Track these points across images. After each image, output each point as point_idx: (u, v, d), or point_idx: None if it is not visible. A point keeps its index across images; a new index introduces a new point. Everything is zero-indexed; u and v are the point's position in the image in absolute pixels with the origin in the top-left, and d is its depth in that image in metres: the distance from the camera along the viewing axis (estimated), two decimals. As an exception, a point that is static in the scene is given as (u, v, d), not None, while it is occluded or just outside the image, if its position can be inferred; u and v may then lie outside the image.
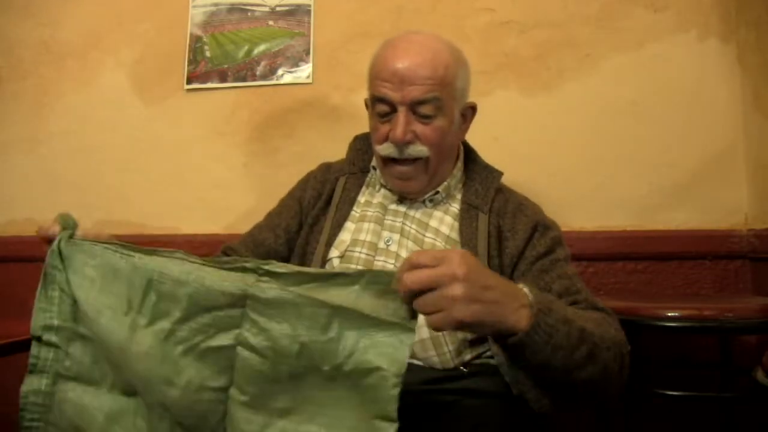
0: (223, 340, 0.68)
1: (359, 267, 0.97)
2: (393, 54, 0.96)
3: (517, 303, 0.69)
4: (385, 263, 0.97)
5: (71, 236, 0.74)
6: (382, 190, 1.07)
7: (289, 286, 0.67)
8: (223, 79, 1.81)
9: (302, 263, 1.03)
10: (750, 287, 1.53)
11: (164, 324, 0.68)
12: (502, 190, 1.06)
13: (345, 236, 1.02)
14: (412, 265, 0.63)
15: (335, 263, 1.00)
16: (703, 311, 1.15)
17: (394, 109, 0.95)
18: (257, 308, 0.67)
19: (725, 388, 1.43)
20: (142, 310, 0.69)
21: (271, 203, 1.21)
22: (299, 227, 1.10)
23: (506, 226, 0.99)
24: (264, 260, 0.70)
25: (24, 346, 1.11)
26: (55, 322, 0.72)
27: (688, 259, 1.55)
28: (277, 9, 1.82)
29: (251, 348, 0.67)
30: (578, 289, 0.92)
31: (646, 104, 1.60)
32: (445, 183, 1.04)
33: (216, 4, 1.85)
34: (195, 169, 1.81)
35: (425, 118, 0.95)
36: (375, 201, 1.06)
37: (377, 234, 1.01)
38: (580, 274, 1.56)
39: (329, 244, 1.02)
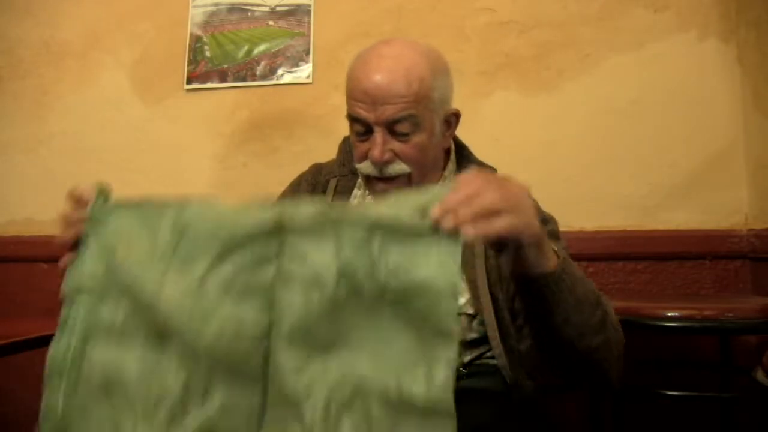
0: (262, 275, 0.65)
1: None
2: (364, 72, 0.92)
3: (546, 240, 0.70)
4: None
5: (105, 201, 0.73)
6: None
7: (327, 211, 0.64)
8: (223, 79, 1.81)
9: None
10: (750, 287, 1.53)
11: (201, 265, 0.66)
12: None
13: None
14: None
15: None
16: (703, 311, 1.15)
17: (370, 129, 0.93)
18: (294, 237, 0.64)
19: (725, 388, 1.43)
20: (178, 256, 0.67)
21: (271, 203, 1.20)
22: None
23: None
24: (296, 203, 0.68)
25: (24, 346, 1.11)
26: (87, 282, 0.71)
27: (688, 259, 1.55)
28: (277, 9, 1.82)
29: (291, 280, 0.63)
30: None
31: (646, 104, 1.60)
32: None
33: (216, 4, 1.85)
34: (195, 169, 1.81)
35: (403, 136, 0.92)
36: (366, 203, 1.04)
37: None
38: (580, 274, 1.59)
39: None
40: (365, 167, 0.95)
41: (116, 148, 1.85)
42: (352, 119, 0.95)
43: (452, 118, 1.01)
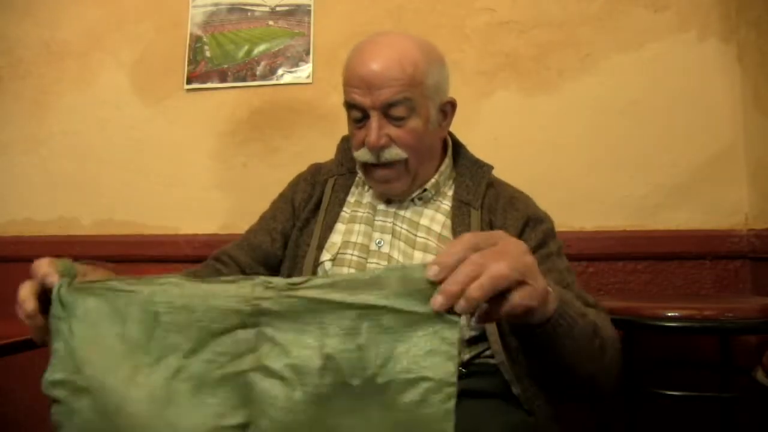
0: (238, 366, 0.60)
1: (351, 270, 0.95)
2: (360, 59, 0.94)
3: (545, 284, 0.63)
4: (378, 265, 0.96)
5: (70, 284, 0.67)
6: (371, 191, 1.06)
7: (307, 292, 0.58)
8: (223, 79, 1.81)
9: (293, 267, 1.01)
10: (750, 287, 1.53)
11: (172, 360, 0.61)
12: (493, 184, 1.05)
13: (336, 238, 1.01)
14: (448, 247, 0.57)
15: (327, 267, 0.98)
16: (703, 311, 1.15)
17: (366, 115, 0.94)
18: (273, 323, 0.59)
19: (725, 388, 1.43)
20: (149, 349, 0.62)
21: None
22: (293, 229, 1.08)
23: (498, 223, 0.98)
24: (272, 276, 0.62)
25: (24, 346, 1.11)
26: (59, 376, 0.65)
27: (688, 259, 1.55)
28: (277, 9, 1.82)
29: (270, 372, 0.58)
30: (568, 284, 0.91)
31: (645, 104, 1.60)
32: (433, 180, 1.03)
33: (216, 4, 1.85)
34: (195, 169, 1.81)
35: (398, 120, 0.93)
36: (364, 201, 1.05)
37: (368, 236, 0.99)
38: (580, 274, 1.59)
39: (320, 248, 1.00)
40: (362, 154, 0.96)
41: (116, 148, 1.85)
42: (349, 106, 0.96)
43: (448, 107, 1.02)
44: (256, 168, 1.78)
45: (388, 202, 1.04)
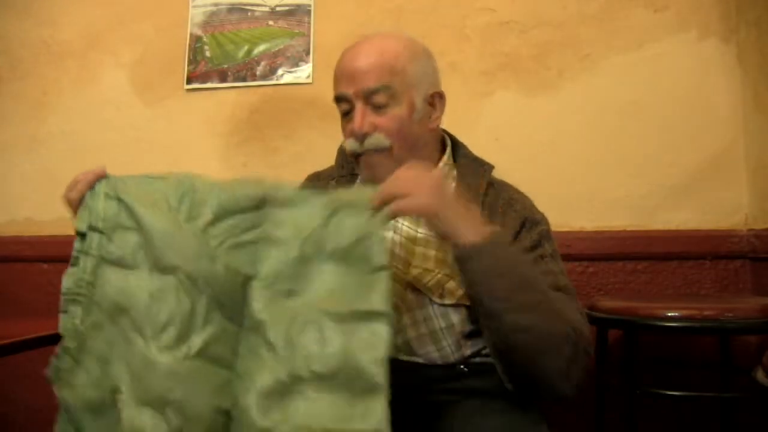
0: (248, 236, 0.81)
1: None
2: (346, 57, 1.01)
3: (475, 223, 0.83)
4: None
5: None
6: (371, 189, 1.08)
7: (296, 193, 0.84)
8: (223, 79, 1.81)
9: None
10: (750, 287, 1.53)
11: (202, 220, 0.81)
12: (493, 184, 1.06)
13: None
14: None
15: None
16: (703, 311, 1.15)
17: (353, 106, 0.99)
18: (275, 205, 0.82)
19: (725, 388, 1.43)
20: (182, 207, 0.82)
21: (271, 203, 1.21)
22: None
23: (496, 222, 0.98)
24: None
25: (24, 346, 1.11)
26: (97, 220, 0.82)
27: (688, 259, 1.55)
28: (277, 9, 1.82)
29: (271, 240, 0.80)
30: (559, 288, 0.92)
31: (646, 104, 1.60)
32: None
33: (216, 4, 1.85)
34: (195, 169, 1.77)
35: (380, 108, 0.97)
36: None
37: None
38: (580, 274, 1.59)
39: None
40: (349, 144, 1.00)
41: (116, 148, 1.85)
42: (337, 100, 1.02)
43: (436, 99, 1.04)
44: (256, 168, 1.78)
45: None
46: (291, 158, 1.74)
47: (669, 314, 1.15)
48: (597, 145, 1.62)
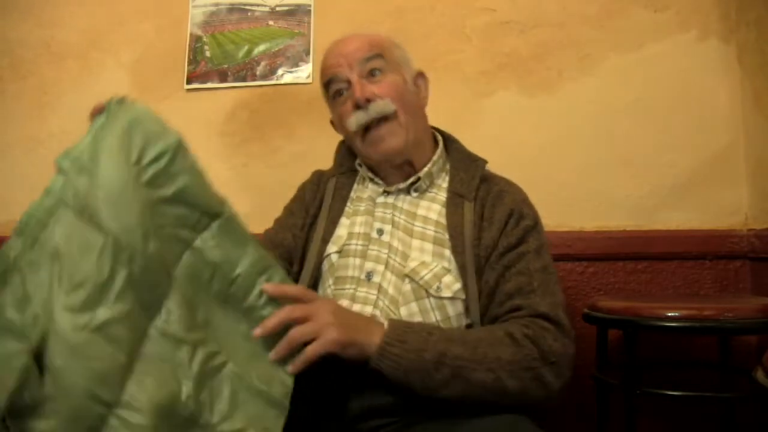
0: (185, 234, 0.79)
1: (356, 259, 1.01)
2: (333, 47, 1.07)
3: (369, 326, 0.84)
4: (378, 252, 1.01)
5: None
6: (370, 185, 1.10)
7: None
8: (223, 79, 1.81)
9: (302, 260, 1.08)
10: (750, 287, 1.53)
11: (157, 193, 0.77)
12: (486, 178, 1.07)
13: (342, 231, 1.06)
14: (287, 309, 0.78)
15: (333, 259, 1.04)
16: (703, 311, 1.15)
17: (347, 85, 1.02)
18: (223, 227, 0.81)
19: (725, 388, 1.43)
20: (147, 171, 0.78)
21: (272, 203, 1.21)
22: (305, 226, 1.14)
23: (486, 216, 1.00)
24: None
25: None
26: (68, 160, 0.78)
27: (688, 259, 1.55)
28: (277, 9, 1.82)
29: (198, 253, 0.79)
30: (532, 289, 0.92)
31: (645, 104, 1.60)
32: (426, 169, 1.06)
33: (216, 4, 1.85)
34: (195, 169, 1.81)
35: (377, 75, 1.02)
36: (365, 196, 1.10)
37: (369, 225, 1.04)
38: (580, 274, 1.59)
39: (325, 241, 1.06)
40: (354, 120, 1.01)
41: (116, 148, 1.85)
42: (329, 82, 1.05)
43: (420, 80, 1.11)
44: (256, 168, 1.78)
45: (387, 193, 1.08)
46: (291, 158, 1.74)
47: (669, 314, 1.15)
48: (597, 145, 1.62)
